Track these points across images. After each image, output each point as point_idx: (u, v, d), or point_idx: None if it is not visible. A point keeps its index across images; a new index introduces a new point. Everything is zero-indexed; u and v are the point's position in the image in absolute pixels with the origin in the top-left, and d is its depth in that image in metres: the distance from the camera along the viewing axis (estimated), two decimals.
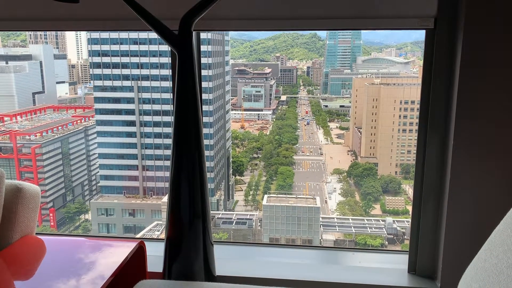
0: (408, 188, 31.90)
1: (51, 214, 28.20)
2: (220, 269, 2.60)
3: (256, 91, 48.19)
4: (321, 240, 24.29)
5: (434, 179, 2.58)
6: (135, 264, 2.22)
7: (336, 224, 25.44)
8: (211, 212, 2.43)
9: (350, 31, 51.78)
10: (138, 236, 24.46)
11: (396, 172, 34.08)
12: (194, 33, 2.22)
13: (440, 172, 2.55)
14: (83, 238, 2.45)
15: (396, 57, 51.88)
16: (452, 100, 2.40)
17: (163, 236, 2.26)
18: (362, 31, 53.31)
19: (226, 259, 2.88)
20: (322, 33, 59.35)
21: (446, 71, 2.41)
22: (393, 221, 24.96)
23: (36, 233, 2.36)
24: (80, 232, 29.05)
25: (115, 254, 2.13)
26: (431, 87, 2.51)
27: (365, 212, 30.21)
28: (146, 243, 2.31)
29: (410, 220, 2.77)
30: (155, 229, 23.82)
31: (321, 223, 24.43)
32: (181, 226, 2.28)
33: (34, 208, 2.27)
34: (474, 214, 2.45)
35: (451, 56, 2.36)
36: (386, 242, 24.22)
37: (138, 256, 2.22)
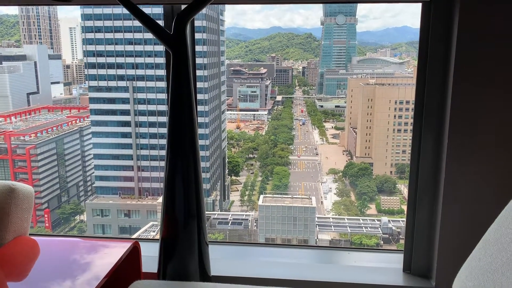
0: (403, 188, 32.05)
1: (46, 215, 28.07)
2: (215, 269, 2.59)
3: (252, 91, 48.22)
4: (317, 240, 24.34)
5: (428, 179, 2.58)
6: (129, 264, 2.21)
7: (331, 224, 25.50)
8: (206, 212, 2.42)
9: (345, 31, 51.95)
10: (133, 237, 24.43)
11: (391, 172, 34.24)
12: (188, 33, 2.22)
13: (434, 171, 2.56)
14: (77, 238, 2.43)
15: (391, 57, 52.12)
16: (447, 100, 2.40)
17: (158, 237, 2.26)
18: (357, 31, 53.42)
19: (221, 259, 2.88)
20: (318, 33, 59.36)
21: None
22: (389, 220, 25.06)
23: (30, 234, 2.34)
24: (75, 233, 28.94)
25: (110, 255, 2.12)
26: (425, 86, 2.52)
27: (361, 212, 30.32)
28: (141, 244, 2.30)
29: (405, 219, 2.78)
30: (151, 229, 23.76)
31: (316, 223, 24.48)
32: (176, 227, 2.27)
33: (28, 209, 2.25)
34: (468, 213, 2.46)
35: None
36: (382, 242, 24.31)
37: (132, 257, 2.21)
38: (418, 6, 2.51)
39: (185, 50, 2.08)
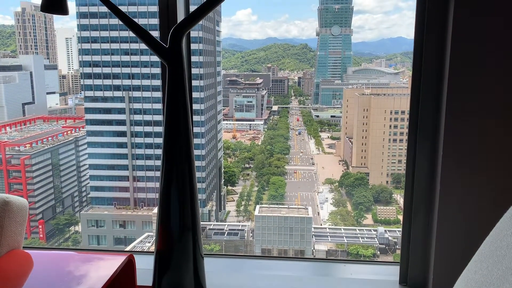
0: (400, 198, 32.09)
1: (40, 226, 27.85)
2: (210, 282, 2.57)
3: (248, 101, 48.39)
4: (314, 250, 24.24)
5: (424, 190, 2.59)
6: (124, 278, 2.19)
7: (328, 234, 25.45)
8: (202, 223, 2.41)
9: (340, 41, 52.32)
10: (128, 248, 24.22)
11: (387, 181, 34.29)
12: (184, 43, 2.23)
13: (430, 182, 2.56)
14: (71, 252, 2.41)
15: (386, 67, 52.56)
16: (441, 111, 2.42)
17: (153, 248, 2.24)
18: (352, 42, 53.81)
19: (217, 272, 2.85)
20: (313, 44, 59.82)
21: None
22: (385, 231, 25.03)
23: (24, 247, 2.32)
24: (70, 244, 28.69)
25: (104, 268, 2.10)
26: (420, 97, 2.53)
27: (357, 222, 30.29)
28: (136, 256, 2.28)
29: (401, 229, 2.78)
30: (146, 240, 23.59)
31: (313, 233, 24.41)
32: (171, 239, 2.25)
33: (22, 222, 2.23)
34: (464, 225, 2.46)
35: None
36: (378, 252, 24.25)
37: (127, 270, 2.19)
38: (413, 17, 2.54)
39: (181, 64, 2.09)
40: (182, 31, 2.08)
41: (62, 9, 2.10)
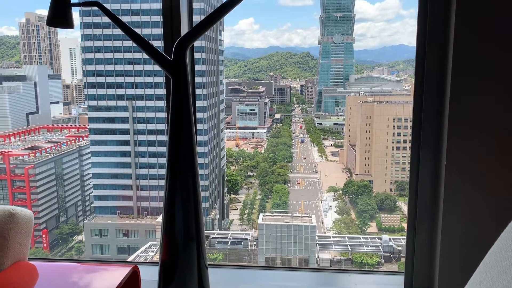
0: (404, 205, 31.93)
1: (43, 236, 27.83)
2: None
3: (251, 110, 48.48)
4: (318, 259, 24.09)
5: (428, 198, 2.58)
6: None
7: (332, 242, 25.30)
8: (205, 231, 2.41)
9: (342, 49, 52.44)
10: (131, 257, 24.15)
11: (391, 189, 34.15)
12: (187, 53, 2.25)
13: (434, 190, 2.56)
14: (75, 263, 2.41)
15: (388, 75, 52.60)
16: (444, 119, 2.42)
17: (157, 257, 2.23)
18: (354, 50, 53.97)
19: (221, 283, 2.85)
20: (315, 52, 60.04)
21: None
22: (389, 238, 24.88)
23: (29, 258, 2.33)
24: (73, 254, 28.63)
25: (109, 280, 2.10)
26: (422, 106, 2.53)
27: (361, 230, 30.13)
28: (140, 267, 2.28)
29: (405, 237, 2.76)
30: (149, 249, 23.52)
31: (317, 241, 24.28)
32: (175, 249, 2.26)
33: (27, 234, 2.24)
34: (469, 234, 2.45)
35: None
36: (383, 260, 24.08)
37: (132, 281, 2.19)
38: (415, 25, 2.55)
39: (185, 76, 2.11)
40: (186, 44, 2.10)
41: (67, 23, 2.14)
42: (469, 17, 2.29)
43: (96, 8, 2.17)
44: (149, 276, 2.61)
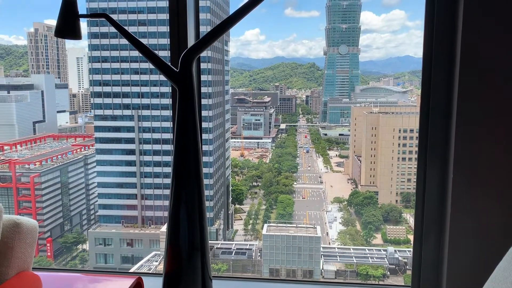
0: (409, 217, 31.68)
1: (48, 244, 27.84)
2: None
3: (256, 120, 48.54)
4: (322, 270, 23.88)
5: (435, 210, 2.55)
6: None
7: (337, 254, 25.09)
8: (209, 242, 2.40)
9: (348, 60, 52.57)
10: (135, 267, 24.04)
11: (396, 200, 33.91)
12: (194, 64, 2.26)
13: (441, 202, 2.53)
14: (79, 274, 2.41)
15: (394, 86, 52.58)
16: (451, 131, 2.40)
17: (161, 267, 2.20)
18: (360, 61, 54.09)
19: None
20: (321, 63, 60.21)
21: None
22: (395, 250, 24.64)
23: (33, 268, 2.32)
24: (77, 263, 28.59)
25: None
26: (429, 117, 2.52)
27: (366, 241, 29.87)
28: (144, 278, 2.27)
29: (411, 249, 2.73)
30: (153, 259, 23.43)
31: (322, 253, 24.09)
32: (180, 261, 2.24)
33: (31, 243, 2.24)
34: (476, 246, 2.41)
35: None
36: (388, 273, 23.82)
37: None
38: (421, 36, 2.55)
39: (191, 88, 2.11)
40: (193, 56, 2.11)
41: (75, 34, 2.15)
42: (476, 29, 2.29)
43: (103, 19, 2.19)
44: (153, 287, 2.60)
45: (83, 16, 2.20)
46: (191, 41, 2.72)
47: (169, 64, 2.17)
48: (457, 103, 2.33)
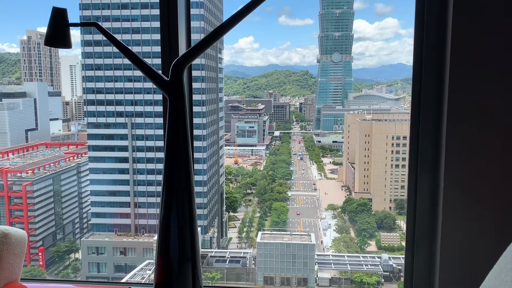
0: (403, 224, 31.73)
1: (40, 254, 27.52)
2: None
3: (250, 127, 48.61)
4: (317, 278, 23.81)
5: (426, 217, 2.55)
6: None
7: (331, 261, 25.04)
8: (203, 250, 2.38)
9: (341, 68, 52.92)
10: (128, 276, 23.82)
11: (390, 207, 33.99)
12: (185, 72, 2.25)
13: (432, 209, 2.53)
14: (69, 285, 2.37)
15: (386, 93, 52.99)
16: (441, 138, 2.41)
17: (153, 276, 2.18)
18: (353, 68, 54.51)
19: None
20: (314, 71, 60.60)
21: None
22: (389, 257, 24.64)
23: (21, 279, 2.29)
24: (70, 272, 28.27)
25: None
26: (419, 124, 2.53)
27: (361, 248, 29.85)
28: None
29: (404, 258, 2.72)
30: (147, 268, 23.24)
31: (316, 260, 24.03)
32: (170, 271, 2.22)
33: (20, 254, 2.21)
34: (468, 253, 2.42)
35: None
36: (383, 280, 23.80)
37: None
38: (412, 44, 2.57)
39: (181, 97, 2.11)
40: (184, 65, 2.11)
41: (65, 43, 2.14)
42: (465, 36, 2.31)
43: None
44: None
45: (73, 24, 2.19)
46: (182, 48, 2.72)
47: (160, 72, 2.16)
48: (447, 111, 2.34)
